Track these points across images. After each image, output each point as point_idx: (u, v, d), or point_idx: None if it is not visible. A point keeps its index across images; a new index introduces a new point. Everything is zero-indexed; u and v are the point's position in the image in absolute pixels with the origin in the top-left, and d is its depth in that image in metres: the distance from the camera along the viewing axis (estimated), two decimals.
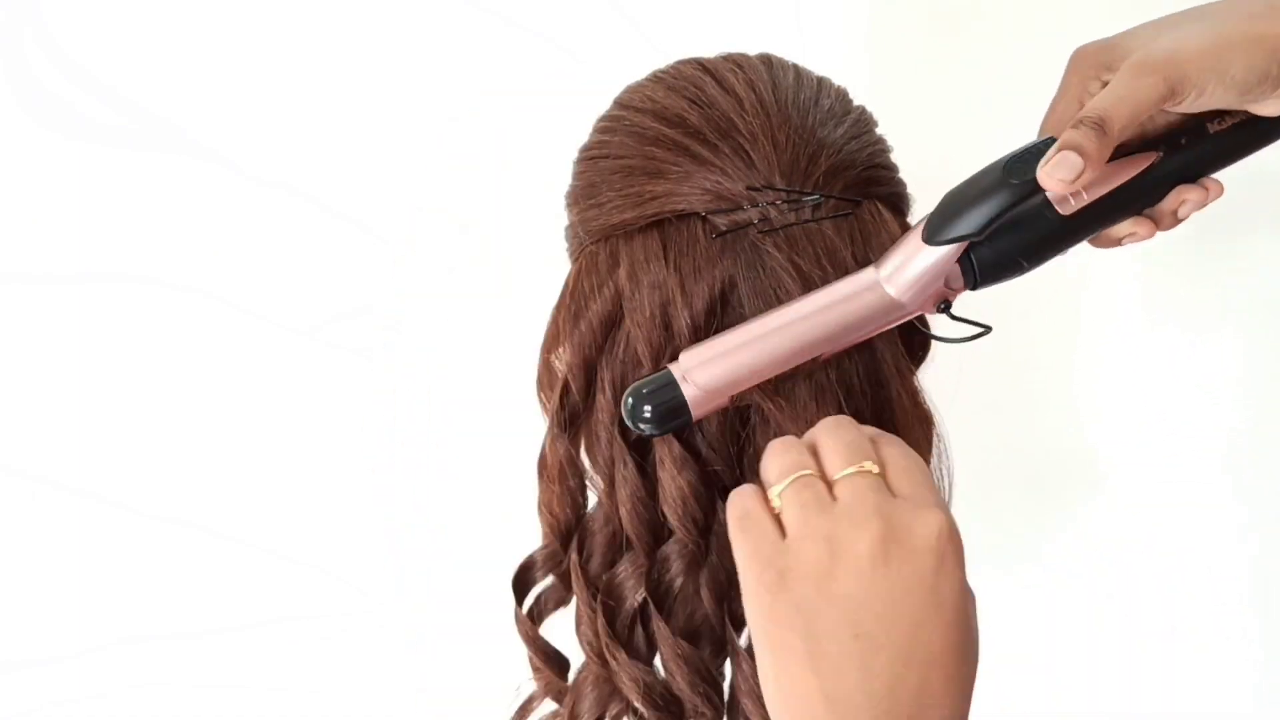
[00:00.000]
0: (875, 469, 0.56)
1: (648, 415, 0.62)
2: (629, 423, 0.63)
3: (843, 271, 0.65)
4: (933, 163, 0.72)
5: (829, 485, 0.57)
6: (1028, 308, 1.06)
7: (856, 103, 0.71)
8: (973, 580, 0.56)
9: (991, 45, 1.05)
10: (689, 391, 0.62)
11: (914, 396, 0.69)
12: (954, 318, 0.67)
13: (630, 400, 0.63)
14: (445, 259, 1.02)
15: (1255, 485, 1.09)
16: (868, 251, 0.67)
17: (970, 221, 0.61)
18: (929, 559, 0.54)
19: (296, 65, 1.00)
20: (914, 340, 0.71)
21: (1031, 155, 0.60)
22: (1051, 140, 0.60)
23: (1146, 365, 1.07)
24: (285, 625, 1.05)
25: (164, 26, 0.99)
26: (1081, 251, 1.06)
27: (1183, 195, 0.65)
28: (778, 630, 0.55)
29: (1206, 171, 0.66)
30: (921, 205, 0.74)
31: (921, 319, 0.71)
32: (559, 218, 0.73)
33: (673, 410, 0.62)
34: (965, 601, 0.55)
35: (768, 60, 0.71)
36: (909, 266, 0.63)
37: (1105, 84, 0.63)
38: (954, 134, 1.02)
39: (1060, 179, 0.59)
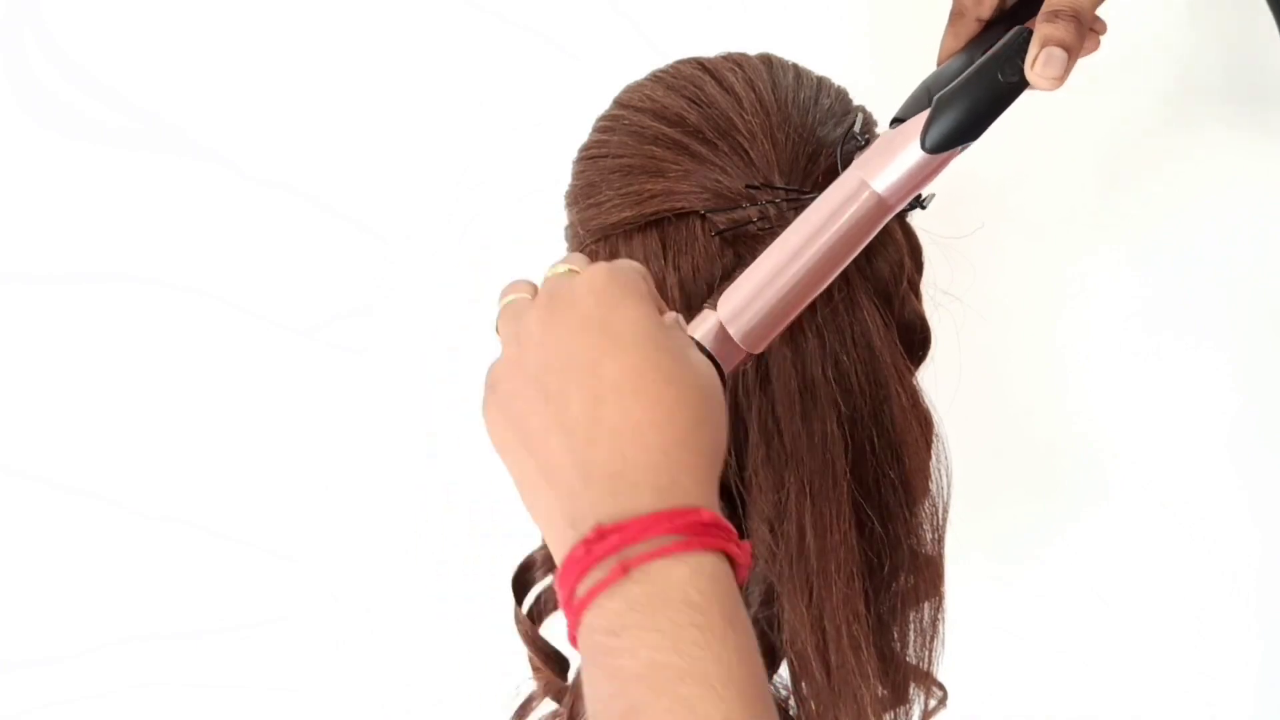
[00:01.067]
0: (567, 266, 0.57)
1: None
2: None
3: (841, 271, 0.65)
4: None
5: None
6: (1028, 308, 1.06)
7: (856, 102, 0.72)
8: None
9: None
10: (723, 350, 0.60)
11: (913, 396, 0.69)
12: (923, 207, 0.68)
13: None
14: (445, 259, 1.02)
15: (1256, 486, 1.08)
16: (867, 251, 0.67)
17: (976, 129, 0.61)
18: (587, 300, 0.53)
19: (296, 65, 1.00)
20: (914, 340, 0.71)
21: (1013, 52, 0.61)
22: (1024, 33, 0.60)
23: (1147, 365, 1.07)
24: (285, 625, 1.05)
25: (164, 27, 0.99)
26: (1081, 253, 1.06)
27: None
28: (497, 435, 0.55)
29: None
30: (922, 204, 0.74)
31: (923, 321, 0.72)
32: (559, 217, 0.73)
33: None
34: (645, 326, 0.53)
35: (767, 60, 0.71)
36: (906, 173, 0.62)
37: None
38: None
39: (1051, 77, 0.59)
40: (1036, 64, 0.59)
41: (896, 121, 0.64)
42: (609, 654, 0.47)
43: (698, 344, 0.59)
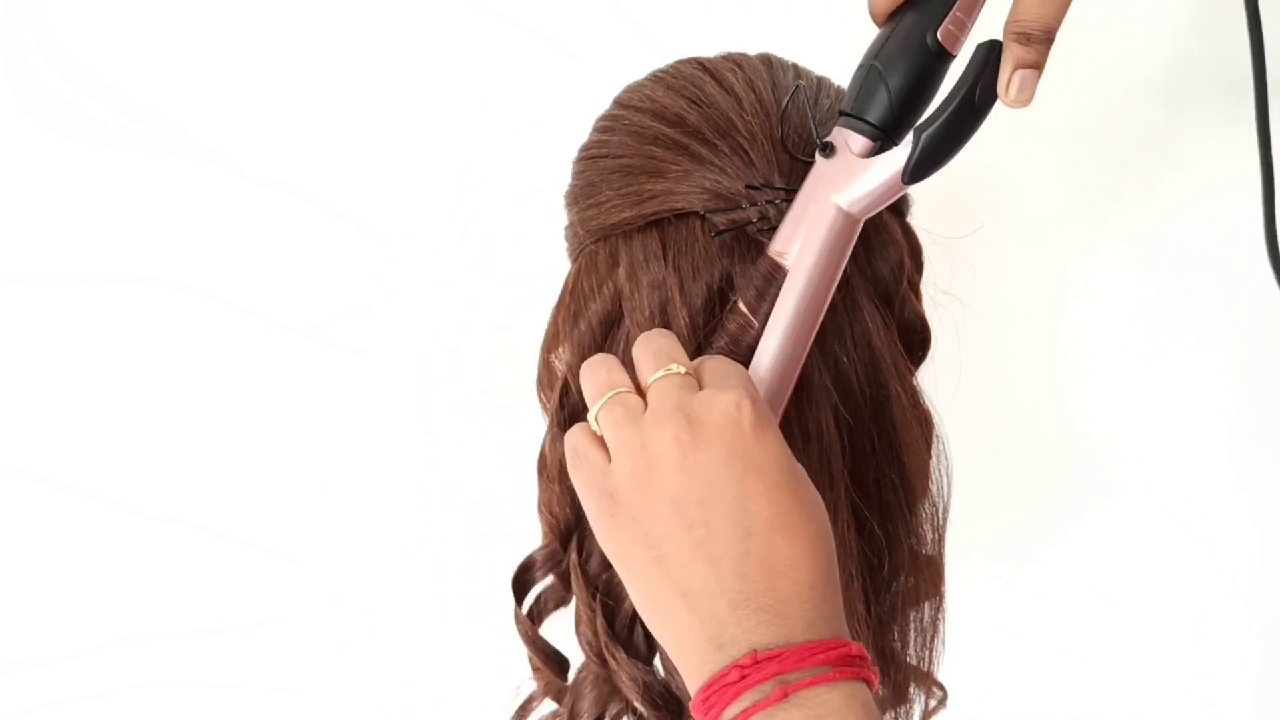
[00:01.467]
0: (681, 369, 0.57)
1: None
2: None
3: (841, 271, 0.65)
4: None
5: (643, 395, 0.57)
6: (1028, 308, 1.06)
7: None
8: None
9: None
10: None
11: (913, 396, 0.69)
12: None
13: None
14: (445, 259, 1.02)
15: (1256, 486, 1.08)
16: (867, 251, 0.67)
17: (955, 158, 0.62)
18: (730, 431, 0.54)
19: (296, 65, 1.00)
20: (914, 340, 0.71)
21: (984, 74, 0.61)
22: (993, 48, 0.61)
23: (1148, 365, 1.07)
24: (285, 625, 1.05)
25: (164, 27, 0.99)
26: (1082, 253, 1.06)
27: None
28: (623, 549, 0.56)
29: None
30: (922, 204, 0.74)
31: (923, 321, 0.72)
32: (559, 217, 0.73)
33: None
34: (786, 462, 0.55)
35: (767, 60, 0.71)
36: (882, 199, 0.63)
37: None
38: None
39: (1025, 100, 0.60)
40: (1011, 88, 0.60)
41: (847, 116, 0.64)
42: None
43: None
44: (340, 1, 1.00)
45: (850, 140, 0.63)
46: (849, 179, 0.63)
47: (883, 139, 0.63)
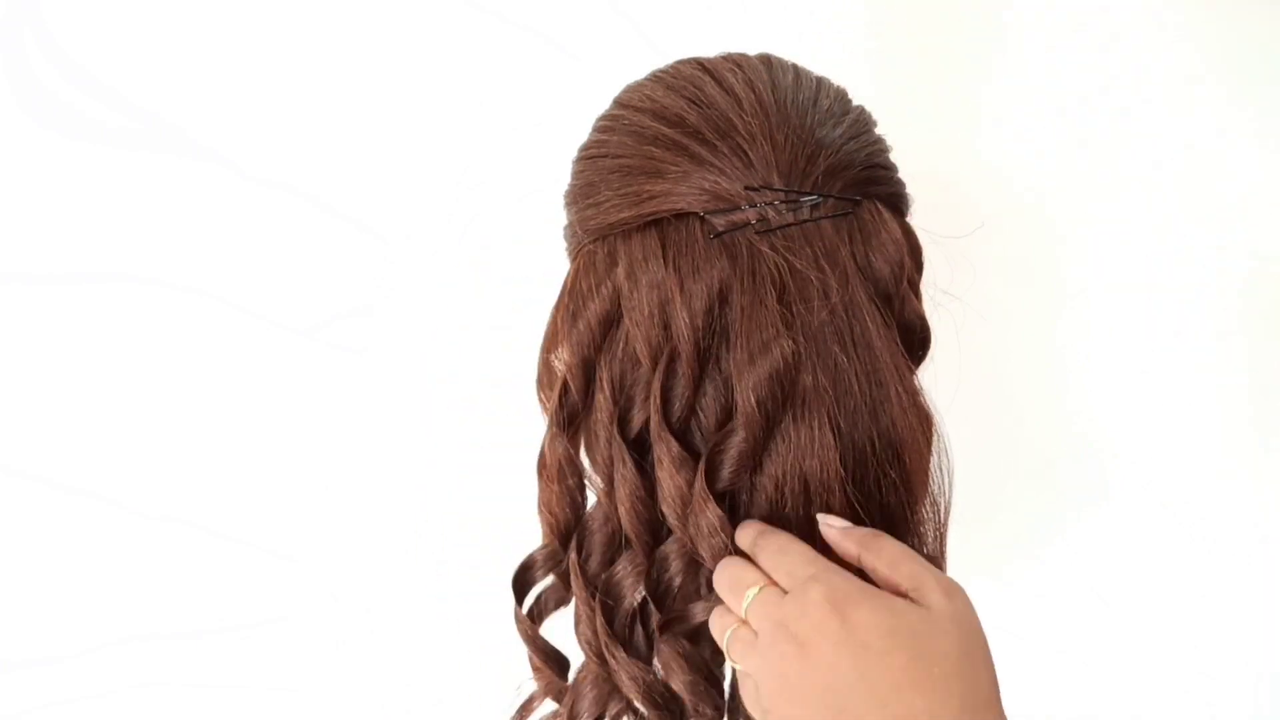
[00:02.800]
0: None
1: None
2: None
3: (840, 271, 0.65)
4: (933, 162, 0.72)
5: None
6: (1028, 308, 1.06)
7: (856, 102, 0.71)
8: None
9: (991, 45, 1.05)
10: None
11: (913, 396, 0.69)
12: None
13: None
14: (445, 259, 1.02)
15: (1256, 486, 1.08)
16: (867, 251, 0.67)
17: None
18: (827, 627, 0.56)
19: (296, 65, 1.00)
20: (914, 340, 0.71)
21: None
22: None
23: (1147, 365, 1.07)
24: (284, 625, 1.05)
25: (164, 27, 0.99)
26: (1081, 253, 1.06)
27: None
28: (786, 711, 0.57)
29: None
30: (921, 204, 0.74)
31: (923, 321, 0.72)
32: (558, 217, 0.73)
33: None
34: (886, 619, 0.56)
35: (767, 60, 0.71)
36: None
37: None
38: (953, 134, 1.03)
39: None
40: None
41: None
42: None
43: None
44: (340, 2, 1.00)
45: None
46: None
47: None
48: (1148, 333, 1.06)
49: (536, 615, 0.74)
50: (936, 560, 0.73)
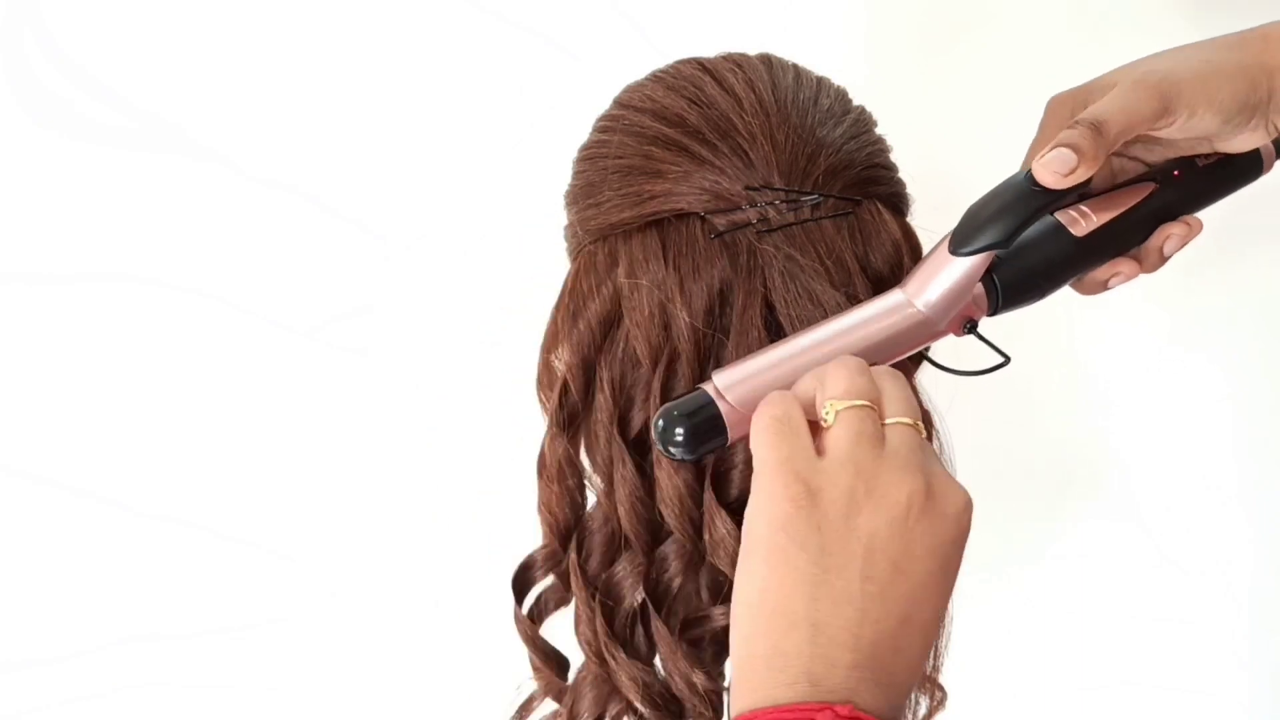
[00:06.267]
0: (922, 431, 0.57)
1: (680, 437, 0.59)
2: (661, 447, 0.60)
3: (842, 271, 0.65)
4: (933, 162, 0.72)
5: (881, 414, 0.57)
6: (1029, 308, 1.06)
7: (856, 103, 0.71)
8: (971, 582, 0.56)
9: (991, 45, 1.05)
10: (725, 409, 0.59)
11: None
12: (981, 338, 0.67)
13: (662, 422, 0.59)
14: (445, 259, 1.02)
15: (1256, 486, 1.08)
16: (868, 251, 0.67)
17: (996, 230, 0.61)
18: (952, 529, 0.54)
19: (296, 65, 1.00)
20: None
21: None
22: None
23: (1147, 365, 1.07)
24: (284, 625, 1.05)
25: (164, 27, 0.99)
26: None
27: (1167, 231, 0.69)
28: (787, 544, 0.54)
29: (1191, 209, 0.70)
30: (921, 204, 0.74)
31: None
32: (558, 217, 0.73)
33: (709, 431, 0.59)
34: (955, 579, 0.56)
35: (767, 60, 0.71)
36: (936, 281, 0.63)
37: None
38: (953, 133, 1.03)
39: (1054, 171, 0.61)
40: (1045, 158, 0.61)
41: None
42: None
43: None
44: (340, 2, 1.00)
45: None
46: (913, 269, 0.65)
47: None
48: (1149, 334, 1.06)
49: (536, 615, 0.74)
50: None
